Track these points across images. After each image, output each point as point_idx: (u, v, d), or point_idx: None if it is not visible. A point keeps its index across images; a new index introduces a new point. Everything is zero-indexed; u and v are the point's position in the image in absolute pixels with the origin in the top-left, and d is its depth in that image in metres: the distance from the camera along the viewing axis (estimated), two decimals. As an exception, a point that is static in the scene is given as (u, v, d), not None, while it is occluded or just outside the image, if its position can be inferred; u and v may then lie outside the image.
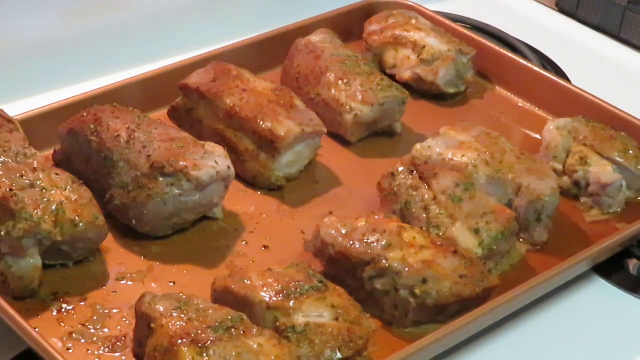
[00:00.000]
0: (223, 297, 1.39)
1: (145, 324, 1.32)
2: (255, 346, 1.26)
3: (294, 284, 1.37)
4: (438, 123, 1.74)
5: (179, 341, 1.25)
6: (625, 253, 1.62)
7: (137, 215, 1.53)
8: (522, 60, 1.95)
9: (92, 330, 1.40)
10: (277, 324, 1.33)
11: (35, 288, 1.43)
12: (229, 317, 1.29)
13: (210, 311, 1.30)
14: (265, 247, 1.57)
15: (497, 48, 1.98)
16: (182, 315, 1.29)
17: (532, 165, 1.63)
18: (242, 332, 1.27)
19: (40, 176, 1.46)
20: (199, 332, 1.26)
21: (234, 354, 1.24)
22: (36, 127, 1.63)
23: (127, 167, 1.53)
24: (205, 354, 1.23)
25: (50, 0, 2.00)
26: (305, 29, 1.94)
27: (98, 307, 1.43)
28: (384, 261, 1.43)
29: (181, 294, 1.35)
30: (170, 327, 1.27)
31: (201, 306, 1.31)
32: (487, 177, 1.61)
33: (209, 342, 1.25)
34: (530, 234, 1.60)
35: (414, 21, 1.96)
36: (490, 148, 1.65)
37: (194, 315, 1.29)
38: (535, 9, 2.30)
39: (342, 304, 1.37)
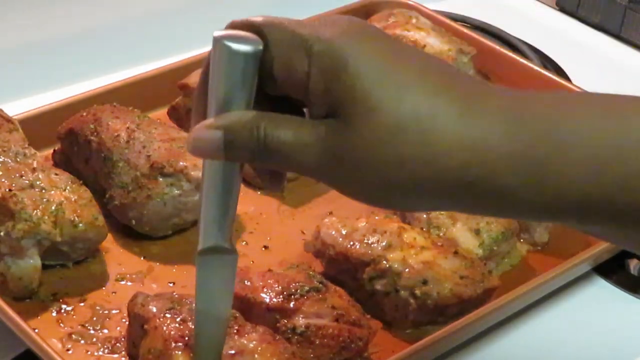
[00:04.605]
0: (223, 297, 1.38)
1: (138, 325, 1.31)
2: (249, 344, 1.25)
3: (294, 285, 1.36)
4: (438, 122, 1.73)
5: (173, 344, 1.24)
6: (625, 253, 1.61)
7: (137, 216, 1.52)
8: (522, 60, 1.95)
9: (92, 331, 1.40)
10: (277, 324, 1.33)
11: (35, 289, 1.43)
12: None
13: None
14: (265, 247, 1.56)
15: (497, 47, 1.97)
16: (176, 317, 1.27)
17: (533, 165, 1.63)
18: (235, 330, 1.26)
19: (40, 176, 1.46)
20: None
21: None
22: (36, 127, 1.62)
23: (126, 167, 1.53)
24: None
25: (50, -1, 2.00)
26: (305, 29, 1.93)
27: (97, 307, 1.43)
28: (384, 262, 1.43)
29: (174, 293, 1.34)
30: (165, 329, 1.26)
31: (194, 306, 1.30)
32: (488, 177, 1.60)
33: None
34: (530, 234, 1.60)
35: (414, 20, 1.95)
36: (490, 148, 1.64)
37: (187, 317, 1.27)
38: (536, 8, 2.29)
39: (342, 304, 1.37)
